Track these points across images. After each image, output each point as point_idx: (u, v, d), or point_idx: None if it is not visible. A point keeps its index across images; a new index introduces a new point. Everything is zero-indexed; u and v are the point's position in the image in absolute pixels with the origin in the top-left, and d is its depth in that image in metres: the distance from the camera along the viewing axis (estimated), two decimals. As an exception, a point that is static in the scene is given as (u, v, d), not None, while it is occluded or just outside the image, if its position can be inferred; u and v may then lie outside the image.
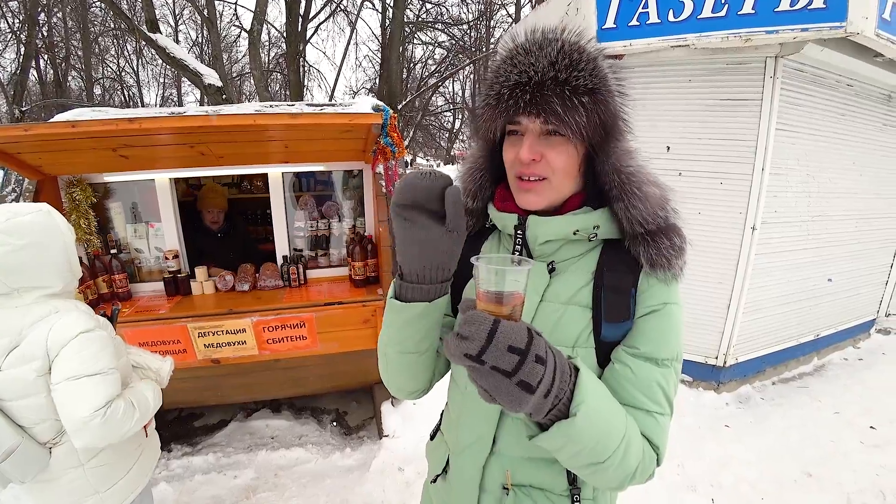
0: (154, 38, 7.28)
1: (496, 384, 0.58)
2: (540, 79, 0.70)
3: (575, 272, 0.81)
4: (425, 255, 0.70)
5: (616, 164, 0.78)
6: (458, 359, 0.58)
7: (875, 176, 3.99)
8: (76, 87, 17.16)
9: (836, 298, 4.13)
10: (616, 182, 0.77)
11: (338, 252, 3.07)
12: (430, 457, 1.05)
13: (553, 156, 0.75)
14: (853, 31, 2.65)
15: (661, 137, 3.38)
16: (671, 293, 0.79)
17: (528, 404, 0.59)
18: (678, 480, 2.65)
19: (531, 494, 0.84)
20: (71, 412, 1.21)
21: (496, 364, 0.56)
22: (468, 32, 14.46)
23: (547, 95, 0.70)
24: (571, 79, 0.70)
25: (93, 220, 2.59)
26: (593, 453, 0.66)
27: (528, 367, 0.57)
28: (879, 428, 3.16)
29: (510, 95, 0.72)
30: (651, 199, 0.78)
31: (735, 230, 3.30)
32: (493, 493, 0.86)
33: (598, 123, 0.73)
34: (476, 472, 0.86)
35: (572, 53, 0.71)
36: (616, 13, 3.15)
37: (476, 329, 0.56)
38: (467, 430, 0.87)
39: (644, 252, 0.77)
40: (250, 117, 2.08)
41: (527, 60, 0.71)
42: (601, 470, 0.69)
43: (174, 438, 2.98)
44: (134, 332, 2.32)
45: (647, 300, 0.78)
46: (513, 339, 0.56)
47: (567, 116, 0.70)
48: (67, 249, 1.34)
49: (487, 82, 0.78)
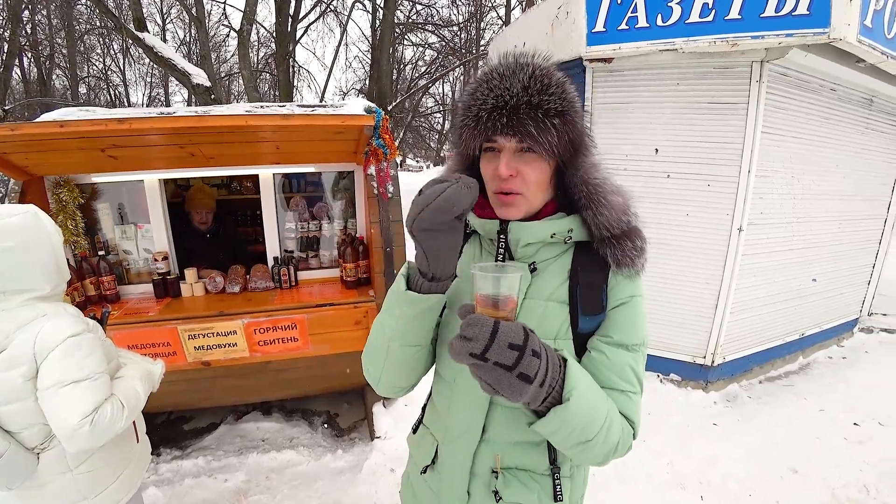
0: (141, 37, 7.20)
1: (499, 378, 0.65)
2: (515, 103, 0.78)
3: (553, 272, 0.89)
4: (453, 256, 0.79)
5: (584, 176, 0.86)
6: (463, 358, 0.65)
7: (857, 178, 4.08)
8: (60, 85, 16.91)
9: (821, 298, 4.21)
10: (584, 192, 0.86)
11: (329, 253, 3.06)
12: (414, 449, 1.10)
13: (527, 171, 0.82)
14: (836, 37, 2.71)
15: (649, 140, 3.42)
16: (636, 286, 0.90)
17: (527, 394, 0.67)
18: (668, 479, 2.68)
19: (518, 476, 0.92)
20: (59, 419, 1.19)
21: (498, 360, 0.64)
22: (458, 34, 14.51)
23: (522, 118, 0.78)
24: (543, 102, 0.78)
25: (80, 222, 2.55)
26: (583, 433, 0.75)
27: (527, 361, 0.65)
28: (863, 424, 3.23)
29: (488, 118, 0.79)
30: (615, 207, 0.86)
31: (722, 231, 3.35)
32: (482, 478, 0.93)
33: (568, 141, 0.81)
34: (467, 459, 0.92)
35: (543, 78, 0.79)
36: (605, 17, 3.18)
37: (479, 330, 0.64)
38: (457, 421, 0.93)
39: (611, 253, 0.86)
40: (242, 118, 2.07)
41: (502, 85, 0.79)
42: (589, 447, 0.77)
43: (163, 442, 2.94)
44: (123, 335, 2.29)
45: (616, 294, 0.88)
46: (512, 337, 0.64)
47: (540, 137, 0.78)
48: (55, 251, 1.32)
49: (465, 104, 0.84)
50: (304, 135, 2.39)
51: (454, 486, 0.95)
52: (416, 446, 1.09)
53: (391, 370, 0.91)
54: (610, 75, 3.44)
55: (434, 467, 1.00)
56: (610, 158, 3.56)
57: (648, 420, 3.23)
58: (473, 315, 0.66)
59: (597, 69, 3.44)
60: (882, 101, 3.97)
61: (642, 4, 3.06)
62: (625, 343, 0.86)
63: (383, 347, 0.89)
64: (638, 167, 3.49)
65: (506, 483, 0.91)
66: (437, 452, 1.00)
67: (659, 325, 3.66)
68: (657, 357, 3.72)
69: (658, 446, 2.94)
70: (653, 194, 3.48)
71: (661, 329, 3.66)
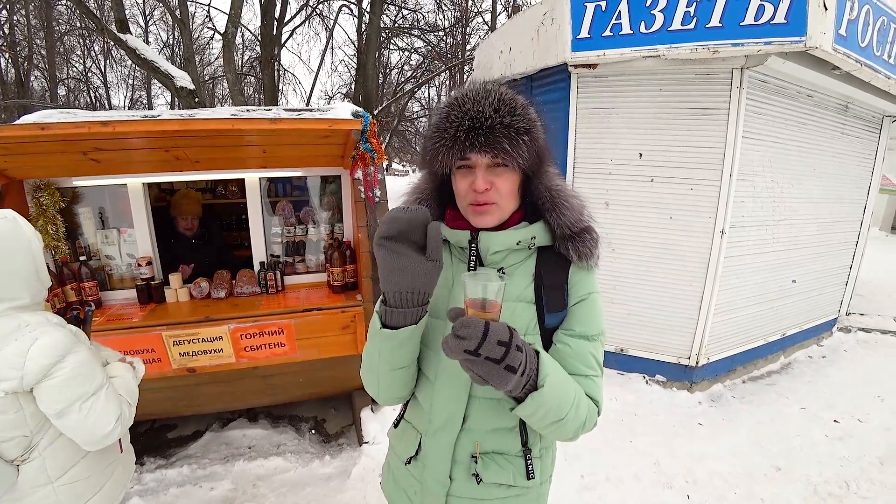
0: (123, 39, 7.08)
1: (488, 370, 0.76)
2: (490, 123, 0.87)
3: (520, 275, 0.99)
4: (408, 280, 0.84)
5: (547, 183, 0.99)
6: (458, 354, 0.75)
7: (834, 182, 4.20)
8: (39, 87, 16.54)
9: (801, 299, 4.32)
10: (548, 197, 0.98)
11: (316, 258, 3.04)
12: (397, 442, 1.17)
13: (500, 182, 0.93)
14: (812, 46, 2.79)
15: (633, 144, 3.48)
16: (593, 283, 1.01)
17: (511, 382, 0.77)
18: (654, 478, 2.71)
19: (495, 459, 1.02)
20: (93, 429, 1.25)
21: (489, 355, 0.74)
22: (444, 39, 14.55)
23: (497, 136, 0.88)
24: (513, 122, 0.88)
25: (61, 226, 2.50)
26: (556, 412, 0.87)
27: (512, 355, 0.76)
28: (842, 421, 3.31)
29: (466, 137, 0.88)
30: (574, 209, 0.98)
31: (705, 234, 3.41)
32: (463, 463, 1.02)
33: (535, 155, 0.92)
34: (450, 447, 1.01)
35: (510, 102, 0.90)
36: (590, 24, 3.24)
37: (472, 330, 0.74)
38: (440, 413, 1.01)
39: (573, 247, 0.97)
40: (228, 121, 2.05)
41: (475, 108, 0.88)
42: (562, 425, 0.89)
43: (147, 451, 2.88)
44: (105, 342, 2.20)
45: (577, 292, 0.99)
46: (500, 335, 0.75)
47: (514, 152, 0.88)
48: (35, 258, 1.29)
49: (439, 126, 0.92)
50: (291, 139, 2.37)
51: (437, 473, 1.03)
52: (398, 439, 1.16)
53: (387, 387, 1.01)
54: (594, 81, 3.49)
55: (418, 458, 1.08)
56: (594, 163, 3.61)
57: (635, 421, 3.27)
58: (466, 318, 0.75)
59: (581, 74, 3.48)
60: (856, 107, 4.09)
61: (626, 11, 3.12)
62: (586, 334, 0.97)
63: (375, 372, 0.99)
64: (622, 171, 3.54)
65: (484, 466, 1.01)
66: (421, 444, 1.07)
67: (644, 326, 3.71)
68: (643, 358, 3.77)
69: (644, 446, 2.98)
70: (637, 198, 3.53)
71: (646, 331, 3.71)
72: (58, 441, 1.28)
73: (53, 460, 1.28)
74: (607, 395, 3.55)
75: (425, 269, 0.84)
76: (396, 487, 1.18)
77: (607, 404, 3.43)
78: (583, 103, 3.56)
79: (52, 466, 1.28)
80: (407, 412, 1.14)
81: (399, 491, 1.17)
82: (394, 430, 1.19)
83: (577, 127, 3.60)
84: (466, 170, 0.94)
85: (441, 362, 1.00)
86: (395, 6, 13.18)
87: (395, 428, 1.19)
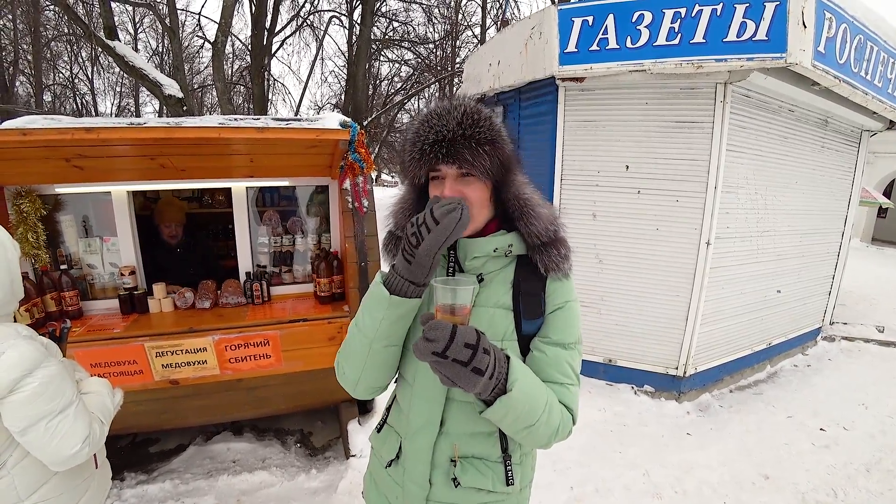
0: (112, 46, 7.04)
1: (456, 372, 0.78)
2: (452, 136, 0.91)
3: (498, 282, 1.02)
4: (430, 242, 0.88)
5: (516, 192, 1.01)
6: (426, 356, 0.78)
7: (815, 194, 4.28)
8: (24, 92, 16.33)
9: (786, 309, 4.38)
10: (517, 206, 1.01)
11: (302, 268, 3.01)
12: (379, 446, 1.19)
13: (469, 191, 0.95)
14: (792, 62, 2.86)
15: (620, 157, 3.52)
16: (569, 291, 1.03)
17: (479, 385, 0.80)
18: (644, 488, 2.70)
19: (473, 463, 1.03)
20: (57, 449, 1.19)
21: (456, 357, 0.77)
22: (434, 51, 14.69)
23: (459, 148, 0.92)
24: (475, 134, 0.92)
25: (42, 234, 2.45)
26: (527, 417, 0.88)
27: (479, 357, 0.78)
28: (828, 429, 3.35)
29: (431, 150, 0.93)
30: (543, 218, 1.00)
31: (691, 245, 3.46)
32: (442, 467, 1.03)
33: (499, 164, 0.95)
34: (428, 450, 1.03)
35: (473, 115, 0.93)
36: (577, 38, 3.29)
37: (440, 333, 0.77)
38: (417, 416, 1.03)
39: (540, 260, 0.99)
40: (215, 130, 2.04)
41: (440, 123, 0.93)
42: (533, 430, 0.90)
43: (127, 466, 2.80)
44: (86, 353, 2.20)
45: (554, 300, 1.00)
46: (467, 338, 0.78)
47: (475, 161, 0.92)
48: (11, 268, 1.24)
49: (411, 141, 0.97)
50: (279, 148, 2.36)
51: (416, 476, 1.04)
52: (380, 443, 1.17)
53: (370, 371, 1.01)
54: (581, 94, 3.54)
55: (398, 461, 1.10)
56: (581, 174, 3.65)
57: (624, 431, 3.27)
58: (435, 321, 0.79)
59: (569, 88, 3.53)
60: (836, 121, 4.20)
61: (613, 27, 3.18)
62: (562, 342, 0.99)
63: (364, 349, 0.98)
64: (609, 183, 3.58)
65: (463, 470, 1.02)
66: (401, 447, 1.09)
67: (631, 337, 3.73)
68: (631, 369, 3.78)
69: (633, 457, 2.97)
70: (624, 210, 3.57)
71: (634, 341, 3.73)
72: (27, 459, 1.23)
73: (23, 478, 1.23)
74: (596, 405, 3.54)
75: None
76: (378, 493, 1.19)
77: (596, 415, 3.43)
78: (570, 116, 3.61)
79: (21, 485, 1.23)
80: (390, 417, 1.17)
81: (380, 496, 1.18)
82: (376, 434, 1.21)
83: (564, 139, 3.64)
84: (438, 181, 0.98)
85: (419, 365, 1.02)
86: (385, 18, 13.30)
87: (377, 432, 1.21)
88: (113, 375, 2.22)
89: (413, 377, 1.04)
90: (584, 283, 3.70)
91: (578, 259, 1.05)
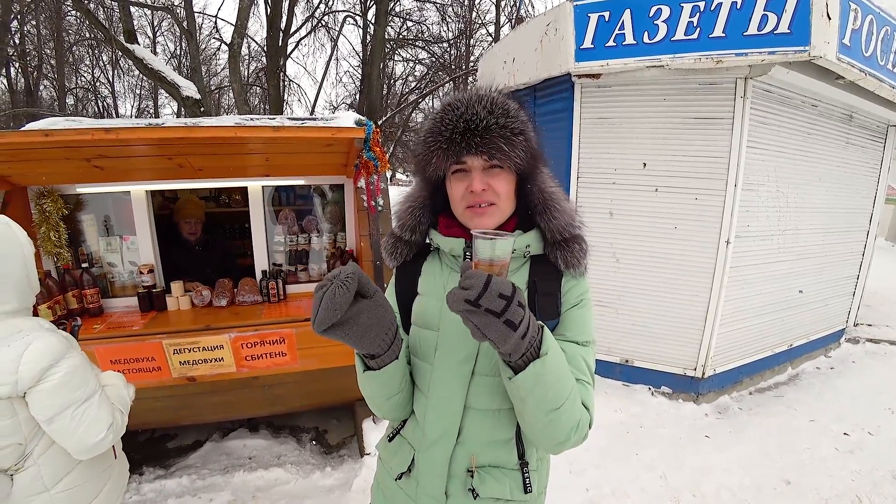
0: (131, 49, 7.18)
1: (487, 322, 0.72)
2: (485, 125, 0.88)
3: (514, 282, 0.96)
4: (374, 331, 0.84)
5: (541, 185, 1.00)
6: (459, 304, 0.72)
7: (839, 191, 4.16)
8: (48, 96, 16.74)
9: (808, 309, 4.27)
10: (541, 199, 0.99)
11: (318, 267, 3.03)
12: (389, 457, 1.14)
13: (496, 183, 0.93)
14: (816, 55, 2.78)
15: (637, 154, 3.47)
16: (586, 289, 1.01)
17: (510, 341, 0.74)
18: (661, 491, 2.66)
19: (491, 472, 1.00)
20: (83, 436, 1.23)
21: (489, 307, 0.71)
22: (448, 50, 14.67)
23: (494, 137, 0.89)
24: (508, 123, 0.90)
25: (63, 233, 2.50)
26: (554, 396, 0.83)
27: (513, 310, 0.73)
28: (853, 434, 3.25)
29: (462, 139, 0.89)
30: (566, 213, 0.98)
31: (710, 244, 3.39)
32: (459, 478, 1.00)
33: (529, 155, 0.94)
34: (444, 462, 1.00)
35: (503, 105, 0.91)
36: (594, 34, 3.24)
37: (475, 281, 0.72)
38: (434, 427, 1.00)
39: (560, 256, 0.97)
40: (231, 129, 2.06)
41: (469, 111, 0.89)
42: (556, 417, 0.84)
43: (146, 461, 2.85)
44: (106, 350, 2.24)
45: (570, 298, 0.98)
46: (502, 288, 0.72)
47: (511, 152, 0.90)
48: (27, 264, 1.28)
49: (433, 130, 0.93)
50: (294, 147, 2.38)
51: (432, 489, 1.01)
52: (391, 454, 1.13)
53: (389, 411, 1.05)
54: (598, 90, 3.49)
55: (410, 474, 1.06)
56: (598, 172, 3.60)
57: (640, 433, 3.22)
58: (471, 270, 0.75)
59: (585, 84, 3.49)
60: (861, 116, 4.08)
61: (629, 22, 3.13)
62: (576, 339, 0.97)
63: (373, 402, 1.03)
64: (626, 181, 3.53)
65: (481, 480, 0.99)
66: (414, 460, 1.05)
67: (649, 337, 3.67)
68: (648, 370, 3.72)
69: (650, 459, 2.93)
70: (641, 208, 3.51)
71: (652, 341, 3.67)
72: (52, 448, 1.27)
73: (48, 468, 1.26)
74: (612, 406, 3.50)
75: (377, 314, 0.83)
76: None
77: (612, 416, 3.38)
78: (586, 113, 3.56)
79: (47, 474, 1.27)
80: (405, 428, 1.12)
81: None
82: (387, 444, 1.16)
83: (580, 137, 3.60)
84: (462, 174, 0.95)
85: (435, 375, 1.00)
86: (399, 18, 13.33)
87: (388, 442, 1.15)
88: (132, 372, 2.26)
89: (428, 387, 1.01)
90: (600, 283, 3.65)
91: (595, 258, 1.03)
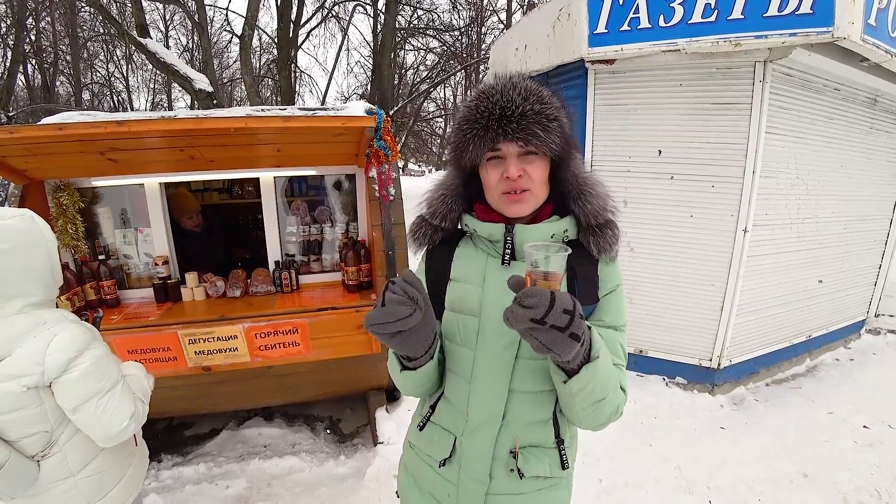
0: (144, 43, 7.23)
1: (553, 338, 0.75)
2: (522, 111, 0.90)
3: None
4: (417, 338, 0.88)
5: (574, 171, 1.01)
6: (522, 323, 0.74)
7: (862, 178, 4.04)
8: (64, 92, 17.02)
9: (827, 300, 4.17)
10: (575, 185, 1.00)
11: (330, 257, 3.04)
12: (425, 446, 1.14)
13: (532, 170, 0.94)
14: (840, 36, 2.68)
15: (652, 141, 3.40)
16: (619, 275, 1.04)
17: (574, 350, 0.77)
18: (675, 483, 2.64)
19: (532, 452, 1.03)
20: (107, 425, 1.27)
21: (555, 323, 0.73)
22: (459, 39, 14.53)
23: (530, 123, 0.90)
24: (543, 109, 0.91)
25: (80, 226, 2.54)
26: (602, 389, 0.88)
27: (577, 323, 0.75)
28: (872, 427, 3.18)
29: (498, 125, 0.91)
30: (600, 197, 1.00)
31: (727, 233, 3.32)
32: (502, 460, 1.03)
33: (564, 141, 0.95)
34: (490, 445, 1.02)
35: (537, 91, 0.93)
36: (607, 18, 3.17)
37: (539, 300, 0.73)
38: (479, 412, 1.02)
39: (594, 241, 0.99)
40: (242, 120, 2.06)
41: (504, 98, 0.91)
42: (602, 406, 0.91)
43: (164, 448, 2.92)
44: (123, 340, 2.28)
45: (606, 284, 1.01)
46: (565, 304, 0.74)
47: (546, 138, 0.91)
48: (51, 257, 1.30)
49: (469, 118, 0.94)
50: (305, 137, 2.37)
51: (476, 472, 1.03)
52: (427, 443, 1.13)
53: (418, 394, 1.12)
54: (612, 77, 3.42)
55: (452, 459, 1.07)
56: (612, 160, 3.54)
57: (655, 424, 3.19)
58: (530, 288, 0.76)
59: (598, 70, 3.42)
60: (886, 100, 3.94)
61: (644, 5, 3.05)
62: (614, 324, 1.00)
63: (404, 389, 1.07)
64: (641, 169, 3.46)
65: (525, 460, 1.02)
66: (455, 445, 1.07)
67: (664, 327, 3.62)
68: (663, 360, 3.68)
69: (665, 451, 2.90)
70: (657, 196, 3.45)
71: (667, 332, 3.63)
72: (77, 436, 1.30)
73: (74, 454, 1.30)
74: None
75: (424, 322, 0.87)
76: (420, 493, 1.16)
77: (626, 407, 3.34)
78: (600, 100, 3.49)
79: (72, 460, 1.30)
80: (435, 414, 1.12)
81: (424, 496, 1.15)
82: (418, 433, 1.15)
83: (594, 124, 3.53)
84: (497, 160, 0.96)
85: (478, 360, 1.01)
86: (410, 6, 13.22)
87: (419, 431, 1.15)
88: (148, 362, 2.30)
89: (470, 374, 1.03)
90: (613, 273, 3.60)
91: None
